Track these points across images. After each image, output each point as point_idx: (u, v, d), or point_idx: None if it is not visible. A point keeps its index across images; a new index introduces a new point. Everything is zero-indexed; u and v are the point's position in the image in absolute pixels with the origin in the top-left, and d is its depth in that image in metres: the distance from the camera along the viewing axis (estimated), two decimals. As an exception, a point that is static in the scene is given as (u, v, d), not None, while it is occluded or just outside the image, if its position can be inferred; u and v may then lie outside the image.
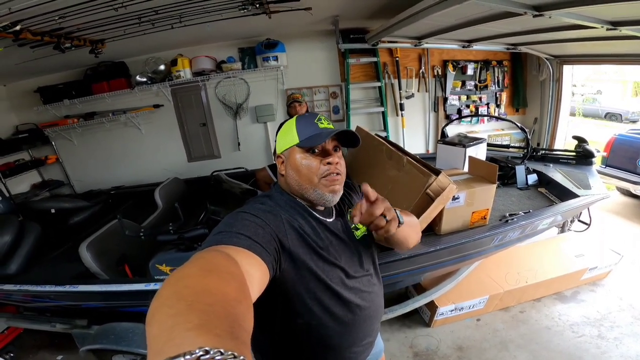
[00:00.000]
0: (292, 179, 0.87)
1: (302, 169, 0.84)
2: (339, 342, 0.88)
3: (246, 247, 0.64)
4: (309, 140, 0.83)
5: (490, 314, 2.39)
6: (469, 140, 2.45)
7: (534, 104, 4.39)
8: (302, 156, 0.84)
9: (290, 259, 0.77)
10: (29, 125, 3.77)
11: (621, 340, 2.08)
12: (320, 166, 0.83)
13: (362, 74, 4.07)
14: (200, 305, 0.38)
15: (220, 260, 0.53)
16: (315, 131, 0.84)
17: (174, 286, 0.42)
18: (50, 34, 2.29)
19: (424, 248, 1.70)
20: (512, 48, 3.62)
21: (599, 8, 1.77)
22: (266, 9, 2.51)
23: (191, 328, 0.34)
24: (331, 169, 0.83)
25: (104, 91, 3.60)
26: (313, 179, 0.83)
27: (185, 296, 0.39)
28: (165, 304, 0.38)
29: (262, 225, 0.74)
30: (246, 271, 0.56)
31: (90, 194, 3.37)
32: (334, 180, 0.84)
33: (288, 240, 0.78)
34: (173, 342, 0.32)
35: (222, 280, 0.45)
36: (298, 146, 0.84)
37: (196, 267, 0.47)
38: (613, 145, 3.91)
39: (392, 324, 2.27)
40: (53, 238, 2.50)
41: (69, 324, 2.02)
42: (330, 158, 0.83)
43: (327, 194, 0.84)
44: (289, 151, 0.86)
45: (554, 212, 1.96)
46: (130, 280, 1.86)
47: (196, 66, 3.62)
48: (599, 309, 2.36)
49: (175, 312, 0.36)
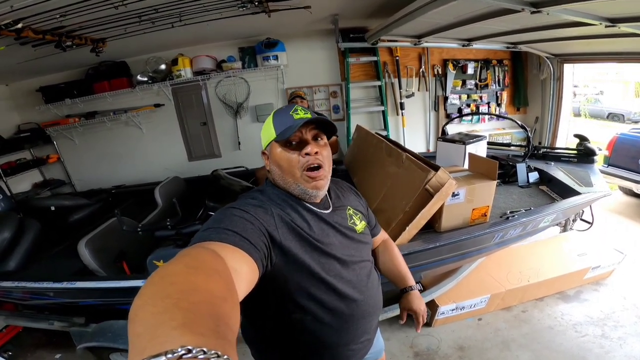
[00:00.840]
0: (276, 175, 0.86)
1: (283, 163, 0.82)
2: (335, 339, 0.86)
3: (234, 244, 0.63)
4: (284, 133, 0.81)
5: (491, 314, 2.36)
6: (469, 137, 2.44)
7: (535, 103, 4.38)
8: (281, 150, 0.82)
9: (282, 253, 0.76)
10: (30, 125, 3.80)
11: (625, 339, 2.05)
12: (300, 158, 0.81)
13: (362, 73, 4.07)
14: (185, 303, 0.37)
15: (206, 257, 0.52)
16: (289, 123, 0.81)
17: (159, 284, 0.41)
18: (51, 32, 2.30)
19: (423, 245, 1.68)
20: (512, 47, 3.61)
21: (596, 4, 1.77)
22: (265, 7, 2.51)
23: (175, 327, 0.33)
24: (310, 160, 0.81)
25: (105, 90, 3.62)
26: (295, 172, 0.82)
27: (170, 294, 0.38)
28: (149, 302, 0.37)
29: (251, 221, 0.73)
30: (233, 268, 0.55)
31: (91, 193, 3.38)
32: (315, 177, 0.82)
33: (279, 234, 0.77)
34: (156, 340, 0.32)
35: (208, 277, 0.45)
36: (276, 141, 0.83)
37: (181, 265, 0.46)
38: (615, 145, 3.88)
39: (392, 323, 2.26)
40: (53, 235, 2.50)
41: (67, 322, 2.02)
42: (309, 148, 0.80)
43: (309, 190, 0.83)
44: (270, 147, 0.85)
45: (556, 210, 1.94)
46: (128, 276, 1.86)
47: (197, 65, 3.63)
48: (602, 309, 2.33)
49: (159, 311, 0.36)
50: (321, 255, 0.82)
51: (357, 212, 1.00)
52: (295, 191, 0.84)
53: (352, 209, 0.98)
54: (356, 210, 1.00)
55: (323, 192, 0.87)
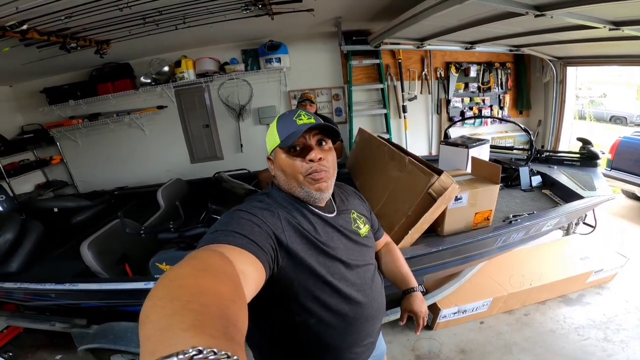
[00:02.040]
0: (280, 180, 0.87)
1: (287, 169, 0.83)
2: (339, 342, 0.86)
3: (241, 246, 0.64)
4: (287, 139, 0.81)
5: (493, 317, 2.35)
6: (472, 141, 2.43)
7: (538, 106, 4.37)
8: (285, 156, 0.83)
9: (289, 256, 0.77)
10: (34, 126, 3.81)
11: (627, 343, 2.04)
12: (303, 164, 0.82)
13: (365, 75, 4.08)
14: (195, 305, 0.38)
15: (214, 260, 0.52)
16: (293, 129, 0.81)
17: (168, 286, 0.41)
18: (56, 33, 2.32)
19: (426, 249, 1.68)
20: (515, 50, 3.61)
21: (599, 7, 1.76)
22: (269, 10, 2.52)
23: (186, 328, 0.34)
24: (314, 167, 0.82)
25: (109, 92, 3.63)
26: (298, 177, 0.83)
27: (179, 296, 0.39)
28: (158, 304, 0.38)
29: (258, 224, 0.73)
30: (240, 270, 0.55)
31: (93, 194, 3.39)
32: (319, 179, 0.83)
33: (286, 237, 0.77)
34: (168, 342, 0.32)
35: (216, 279, 0.45)
36: (280, 147, 0.83)
37: (190, 267, 0.47)
38: (618, 148, 3.86)
39: (393, 326, 2.25)
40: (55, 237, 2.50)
41: (68, 323, 2.01)
42: (313, 155, 0.81)
43: (313, 192, 0.84)
44: (274, 152, 0.86)
45: (558, 214, 1.94)
46: (130, 278, 1.86)
47: (200, 67, 3.65)
48: (604, 312, 2.32)
49: (169, 313, 0.36)
50: (326, 258, 0.82)
51: (361, 215, 1.00)
52: (300, 194, 0.85)
53: (356, 212, 0.99)
54: (360, 214, 1.00)
55: (327, 195, 0.88)
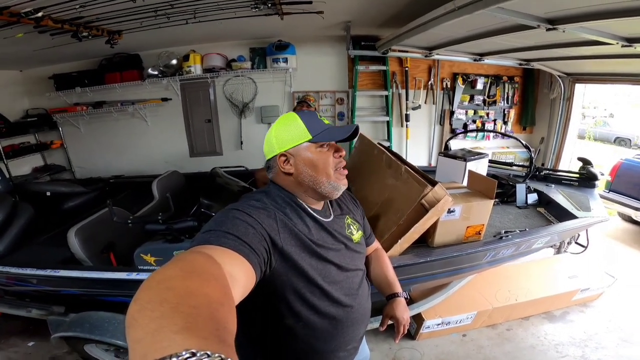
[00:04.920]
0: (305, 175, 0.87)
1: (319, 163, 0.87)
2: (325, 345, 0.87)
3: (233, 248, 0.63)
4: (323, 135, 0.87)
5: (476, 330, 2.34)
6: (471, 154, 2.42)
7: (542, 123, 4.35)
8: (318, 151, 0.87)
9: (282, 258, 0.77)
10: (39, 110, 3.84)
11: (603, 362, 2.02)
12: (334, 159, 0.89)
13: (370, 81, 4.08)
14: (185, 307, 0.37)
15: (202, 262, 0.52)
16: (324, 127, 0.88)
17: (155, 288, 0.41)
18: (70, 22, 2.34)
19: (414, 259, 1.66)
20: (525, 64, 3.59)
21: (614, 23, 1.73)
22: (278, 9, 2.53)
23: (177, 331, 0.33)
24: (342, 161, 0.90)
25: (116, 82, 3.66)
26: (329, 171, 0.87)
27: (167, 299, 0.38)
28: (147, 307, 0.37)
29: (253, 225, 0.73)
30: (229, 273, 0.54)
31: (89, 181, 3.38)
32: (344, 173, 0.92)
33: (280, 238, 0.77)
34: (159, 344, 0.31)
35: (205, 282, 0.45)
36: (312, 142, 0.86)
37: (177, 269, 0.46)
38: (619, 170, 3.82)
39: (377, 334, 2.23)
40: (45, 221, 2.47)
41: (46, 310, 1.98)
42: (343, 152, 0.90)
43: (340, 185, 0.90)
44: (298, 148, 0.86)
45: (550, 232, 1.92)
46: (113, 268, 1.83)
47: (207, 63, 3.67)
48: (585, 330, 2.32)
49: (159, 315, 0.35)
50: (319, 262, 0.83)
51: (355, 221, 1.02)
52: (326, 189, 0.88)
53: (350, 218, 1.01)
54: (354, 220, 1.02)
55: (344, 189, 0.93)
